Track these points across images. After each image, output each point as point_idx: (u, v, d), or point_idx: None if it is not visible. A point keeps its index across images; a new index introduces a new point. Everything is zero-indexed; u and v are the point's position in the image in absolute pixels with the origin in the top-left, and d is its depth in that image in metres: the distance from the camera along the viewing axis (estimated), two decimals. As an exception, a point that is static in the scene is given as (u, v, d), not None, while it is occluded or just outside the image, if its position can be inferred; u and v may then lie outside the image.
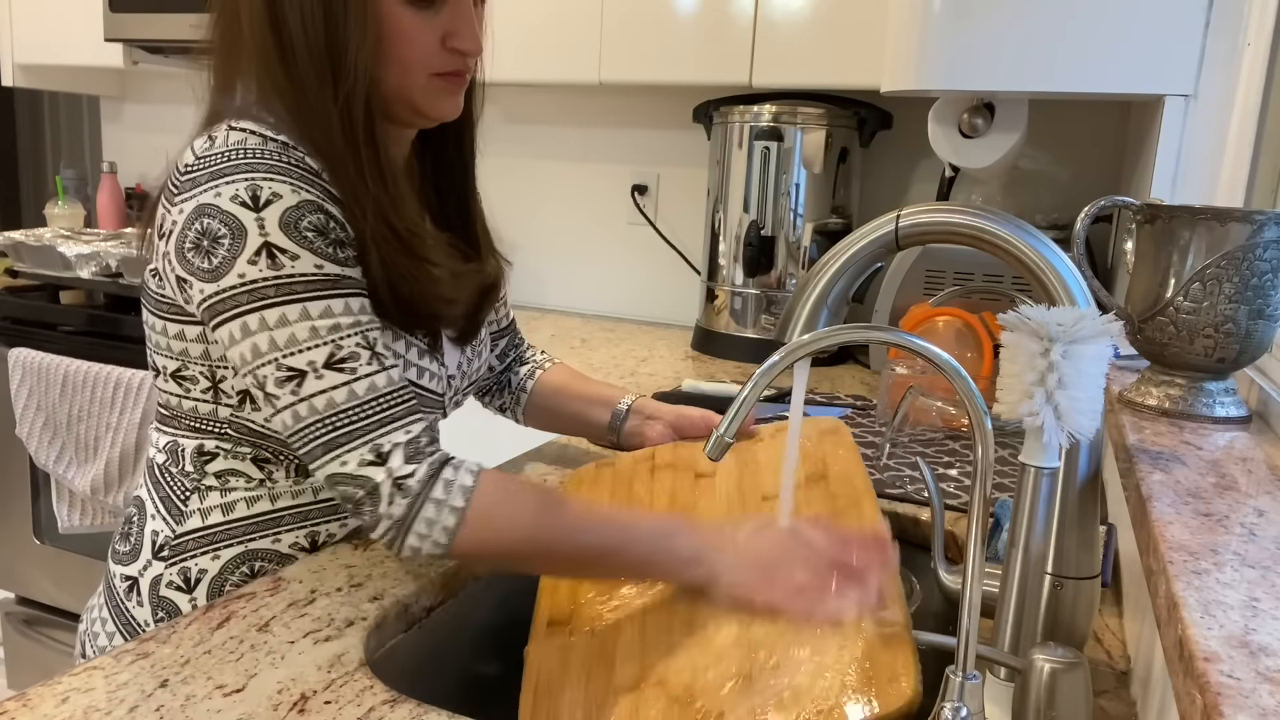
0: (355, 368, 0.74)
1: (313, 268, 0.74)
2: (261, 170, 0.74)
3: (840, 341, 0.61)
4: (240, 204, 0.73)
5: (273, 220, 0.73)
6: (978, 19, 1.31)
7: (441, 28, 0.81)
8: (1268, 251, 0.79)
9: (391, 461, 0.73)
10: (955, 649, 0.56)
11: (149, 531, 0.86)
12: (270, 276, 0.73)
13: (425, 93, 0.83)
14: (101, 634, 0.87)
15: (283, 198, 0.74)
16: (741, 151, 1.83)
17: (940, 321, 1.38)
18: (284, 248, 0.73)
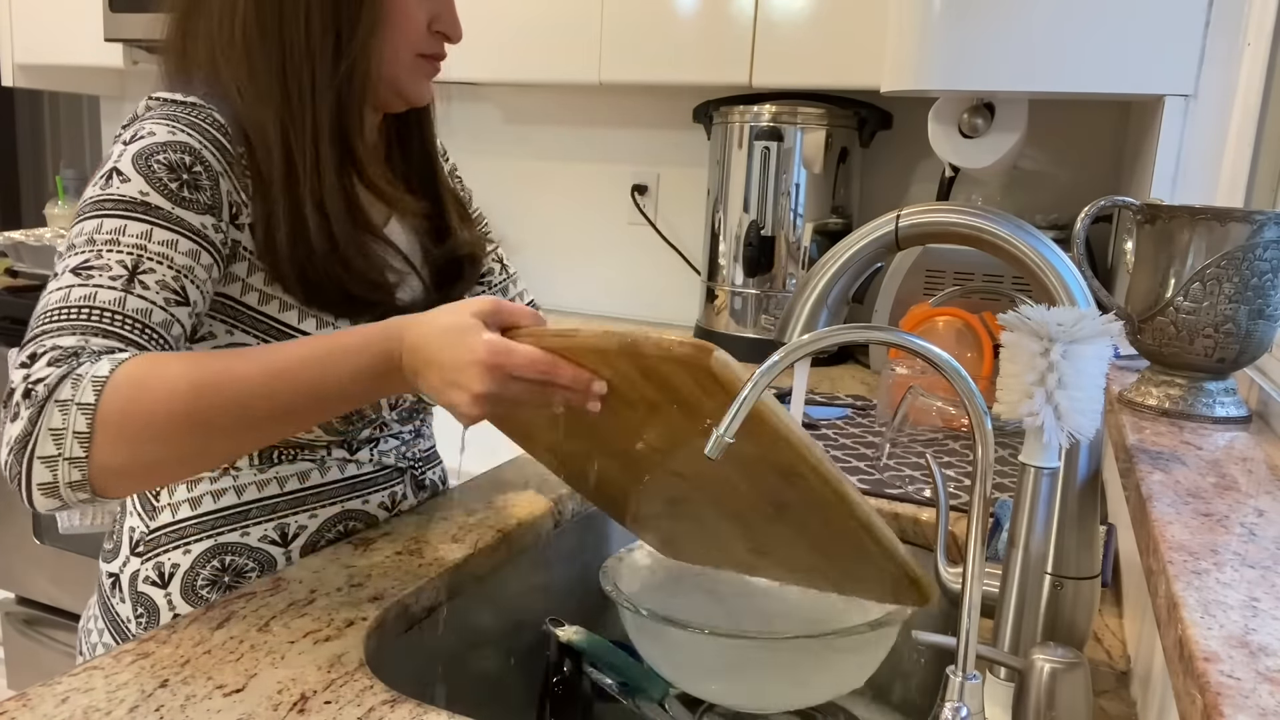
0: (92, 276, 0.68)
1: (136, 192, 0.72)
2: (153, 119, 0.76)
3: (840, 341, 0.61)
4: (121, 142, 0.75)
5: (130, 152, 0.74)
6: (978, 19, 1.31)
7: (429, 10, 0.84)
8: (1268, 251, 0.79)
9: (37, 364, 0.64)
10: (955, 649, 0.56)
11: (127, 528, 0.87)
12: (98, 195, 0.72)
13: (409, 72, 0.85)
14: (93, 631, 0.88)
15: (155, 135, 0.74)
16: (741, 151, 1.83)
17: (940, 321, 1.38)
18: (122, 171, 0.73)
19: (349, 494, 0.90)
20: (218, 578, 0.84)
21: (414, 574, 0.80)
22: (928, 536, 1.00)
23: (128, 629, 0.85)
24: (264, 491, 0.86)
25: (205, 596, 0.84)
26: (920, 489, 1.07)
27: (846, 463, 1.16)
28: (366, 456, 0.91)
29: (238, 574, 0.85)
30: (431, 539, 0.87)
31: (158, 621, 0.84)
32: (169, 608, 0.84)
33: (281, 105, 0.79)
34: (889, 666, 0.85)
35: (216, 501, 0.84)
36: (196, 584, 0.84)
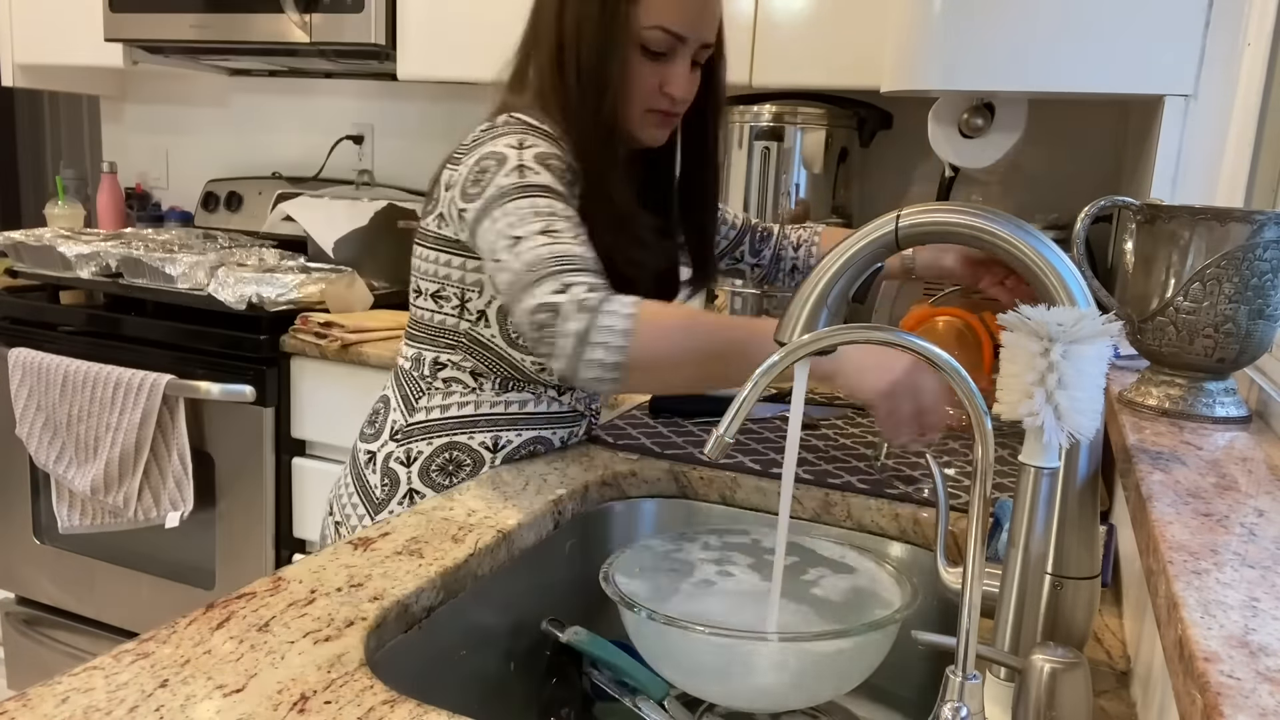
0: (559, 236, 0.92)
1: (549, 181, 0.96)
2: (532, 132, 1.00)
3: (840, 341, 0.61)
4: (509, 146, 0.98)
5: (530, 154, 0.97)
6: (978, 19, 1.31)
7: (662, 76, 1.04)
8: (1268, 251, 0.79)
9: (573, 291, 0.88)
10: (955, 649, 0.56)
11: (390, 419, 1.12)
12: (517, 183, 0.95)
13: (638, 123, 1.06)
14: (343, 494, 1.14)
15: (540, 146, 0.99)
16: (741, 151, 1.83)
17: (940, 321, 1.38)
18: (532, 167, 0.96)
19: (546, 424, 1.14)
20: (445, 465, 1.09)
21: (414, 574, 0.80)
22: (927, 536, 1.00)
23: (374, 493, 1.10)
24: (494, 409, 1.10)
25: (433, 478, 1.09)
26: (920, 489, 1.07)
27: (846, 463, 1.16)
28: (568, 399, 1.15)
29: (458, 466, 1.09)
30: (431, 539, 0.87)
31: (397, 490, 1.09)
32: (407, 481, 1.09)
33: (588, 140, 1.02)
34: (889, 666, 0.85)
35: (460, 410, 1.10)
36: (430, 469, 1.09)
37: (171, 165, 2.80)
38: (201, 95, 2.73)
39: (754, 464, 1.13)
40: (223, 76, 2.64)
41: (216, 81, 2.68)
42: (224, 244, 2.28)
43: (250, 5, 2.08)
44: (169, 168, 2.81)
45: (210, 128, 2.73)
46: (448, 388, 1.10)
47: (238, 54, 2.27)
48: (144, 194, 2.77)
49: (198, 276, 1.93)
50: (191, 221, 2.63)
